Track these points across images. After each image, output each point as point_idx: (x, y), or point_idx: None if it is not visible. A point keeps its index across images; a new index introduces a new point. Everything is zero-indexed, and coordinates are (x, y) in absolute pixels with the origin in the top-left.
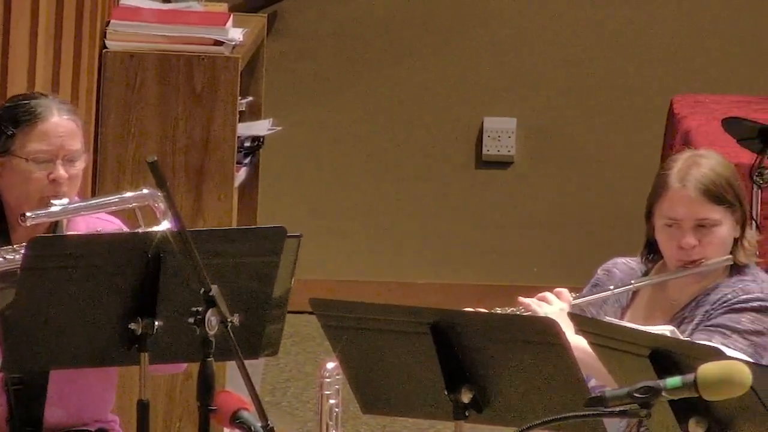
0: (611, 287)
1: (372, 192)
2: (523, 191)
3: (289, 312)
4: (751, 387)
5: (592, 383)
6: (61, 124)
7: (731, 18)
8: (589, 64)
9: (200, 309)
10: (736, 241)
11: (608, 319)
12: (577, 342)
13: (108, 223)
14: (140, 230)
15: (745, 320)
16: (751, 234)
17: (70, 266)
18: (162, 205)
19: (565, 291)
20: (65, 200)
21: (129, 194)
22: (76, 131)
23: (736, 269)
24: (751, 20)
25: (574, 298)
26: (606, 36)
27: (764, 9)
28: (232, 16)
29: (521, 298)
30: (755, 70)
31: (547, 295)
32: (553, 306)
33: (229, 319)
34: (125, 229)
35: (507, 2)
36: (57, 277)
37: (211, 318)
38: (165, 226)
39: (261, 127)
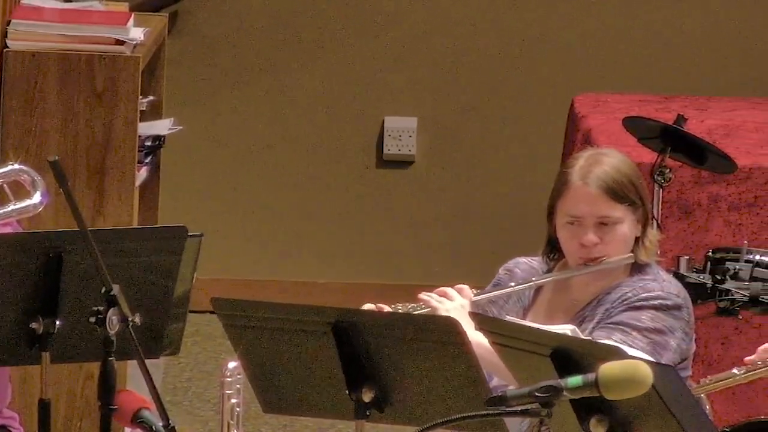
0: (512, 284)
1: (273, 191)
2: (425, 190)
3: (191, 311)
4: (652, 386)
5: (494, 382)
6: None
7: (632, 17)
8: (490, 64)
9: (101, 308)
10: (637, 239)
11: (510, 318)
12: (478, 339)
13: (2, 228)
14: (12, 206)
15: (645, 318)
16: (653, 233)
17: None
18: (29, 177)
19: (466, 287)
20: None
21: None
22: None
23: (637, 268)
24: (652, 19)
25: (475, 295)
26: (507, 35)
27: (666, 8)
28: (133, 15)
29: (422, 294)
30: (656, 69)
31: (448, 290)
32: (454, 302)
33: (130, 319)
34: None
35: (407, 2)
36: None
37: (113, 317)
38: (37, 198)
39: (162, 127)
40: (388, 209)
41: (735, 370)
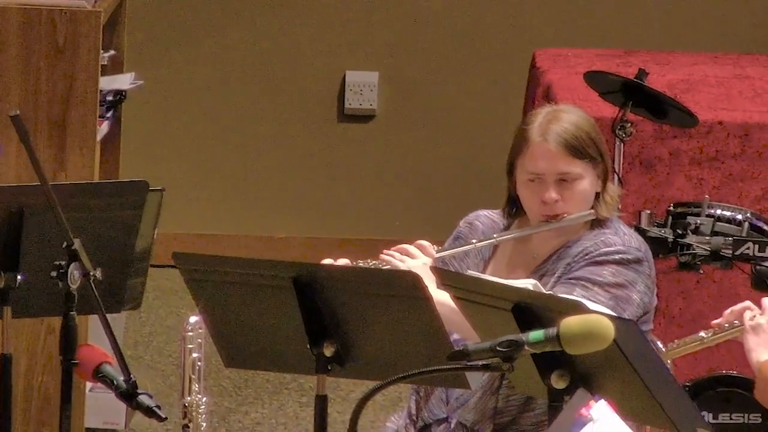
0: (474, 241)
1: (234, 146)
2: (386, 145)
3: (152, 266)
4: (614, 340)
5: (455, 336)
6: None
7: None
8: (451, 18)
9: (63, 263)
10: (598, 195)
11: (471, 272)
12: (440, 297)
13: None
14: None
15: (606, 273)
16: (613, 188)
17: None
18: None
19: (427, 244)
20: None
21: None
22: None
23: (597, 223)
24: None
25: (437, 252)
26: None
27: None
28: None
29: (383, 254)
30: (617, 23)
31: (410, 248)
32: (416, 260)
33: (91, 273)
34: None
35: None
36: None
37: (74, 272)
38: None
39: (123, 81)
40: (350, 163)
41: (702, 333)
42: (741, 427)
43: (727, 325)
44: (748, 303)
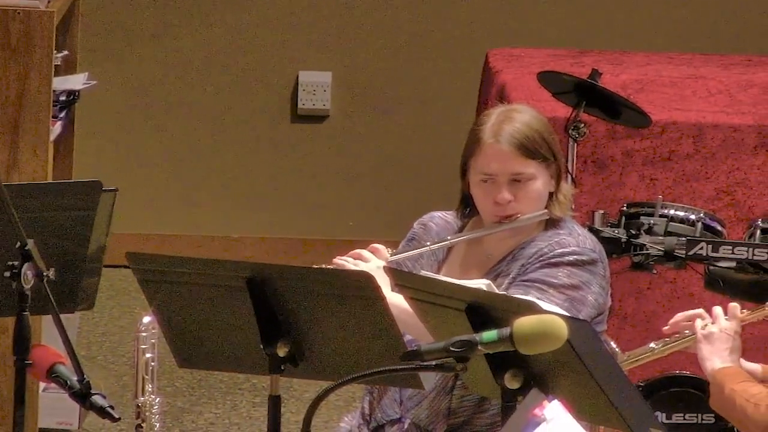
0: (428, 243)
1: (188, 146)
2: (339, 145)
3: (105, 266)
4: (567, 340)
5: (407, 338)
6: None
7: None
8: (405, 17)
9: (16, 263)
10: (551, 195)
11: (425, 273)
12: (394, 299)
13: None
14: None
15: (561, 274)
16: (567, 188)
17: None
18: None
19: (381, 247)
20: None
21: None
22: None
23: (551, 223)
24: None
25: (391, 254)
26: None
27: None
28: None
29: (336, 259)
30: (571, 23)
31: (363, 252)
32: (370, 263)
33: (44, 273)
34: None
35: None
36: None
37: (27, 272)
38: None
39: (76, 81)
40: (303, 164)
41: (653, 344)
42: (694, 427)
43: (677, 335)
44: (699, 311)
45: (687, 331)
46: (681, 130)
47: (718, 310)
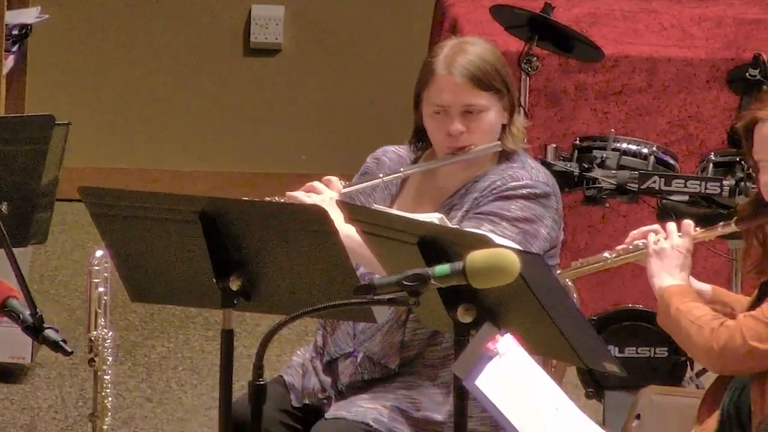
0: (381, 175)
1: (140, 80)
2: (292, 79)
3: (58, 200)
4: (519, 274)
5: (361, 270)
6: None
7: None
8: None
9: None
10: (504, 127)
11: (377, 207)
12: (347, 231)
13: None
14: None
15: (514, 207)
16: (520, 120)
17: None
18: None
19: (334, 179)
20: None
21: None
22: None
23: (504, 156)
24: None
25: (344, 187)
26: None
27: None
28: None
29: (289, 193)
30: None
31: (316, 184)
32: (323, 195)
33: None
34: None
35: None
36: None
37: None
38: None
39: (29, 15)
40: (256, 98)
41: (606, 254)
42: (647, 360)
43: (631, 247)
44: (655, 226)
45: (640, 243)
46: (633, 64)
47: (672, 226)
